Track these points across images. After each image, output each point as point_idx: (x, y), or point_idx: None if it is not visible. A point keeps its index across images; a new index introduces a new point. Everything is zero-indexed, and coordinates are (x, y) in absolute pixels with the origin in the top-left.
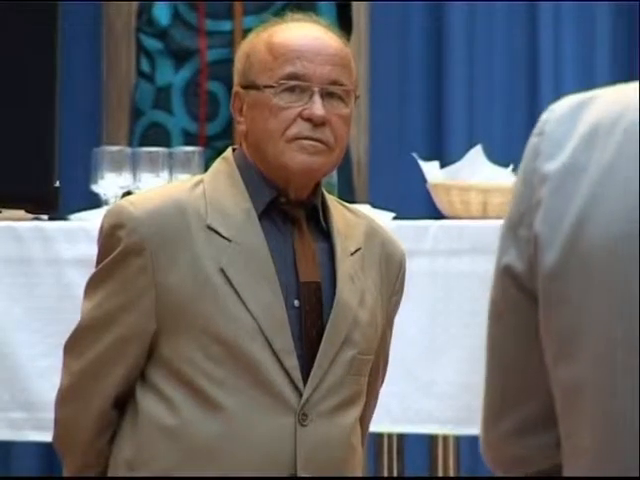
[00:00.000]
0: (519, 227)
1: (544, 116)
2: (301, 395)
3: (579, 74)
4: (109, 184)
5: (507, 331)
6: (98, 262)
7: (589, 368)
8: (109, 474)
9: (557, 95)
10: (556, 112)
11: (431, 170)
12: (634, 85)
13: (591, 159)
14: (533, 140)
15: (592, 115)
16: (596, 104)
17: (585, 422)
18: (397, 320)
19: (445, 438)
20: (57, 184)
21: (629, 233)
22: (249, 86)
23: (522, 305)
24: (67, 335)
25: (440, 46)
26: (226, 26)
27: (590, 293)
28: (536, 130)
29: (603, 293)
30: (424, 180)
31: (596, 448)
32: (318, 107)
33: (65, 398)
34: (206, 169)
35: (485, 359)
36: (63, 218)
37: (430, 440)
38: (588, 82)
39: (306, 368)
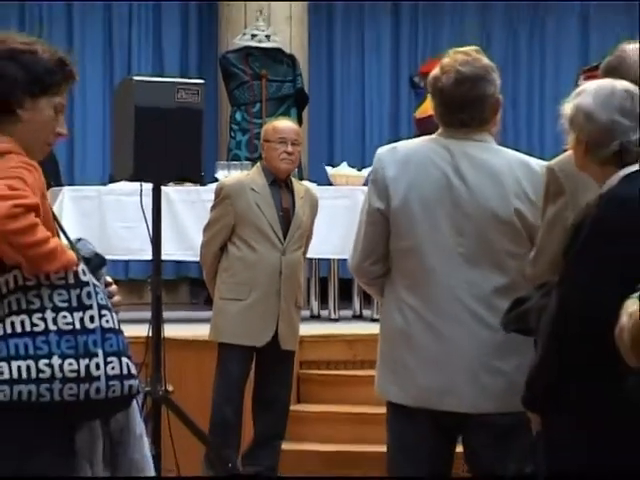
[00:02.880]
0: (380, 195)
1: (376, 156)
2: (282, 244)
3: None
4: (220, 174)
5: (374, 230)
6: (214, 201)
7: (415, 242)
8: (217, 277)
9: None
10: (382, 153)
11: (329, 170)
12: (416, 140)
13: (406, 170)
14: (377, 165)
15: (400, 153)
16: (399, 148)
17: (410, 263)
18: (316, 223)
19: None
20: (202, 173)
21: (431, 197)
22: (266, 141)
23: (384, 222)
24: (203, 224)
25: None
26: (259, 121)
27: (413, 213)
28: (376, 161)
29: (419, 214)
30: (326, 173)
31: (417, 275)
32: (289, 148)
33: (203, 246)
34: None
35: (358, 239)
36: (204, 185)
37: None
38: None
39: (284, 237)
